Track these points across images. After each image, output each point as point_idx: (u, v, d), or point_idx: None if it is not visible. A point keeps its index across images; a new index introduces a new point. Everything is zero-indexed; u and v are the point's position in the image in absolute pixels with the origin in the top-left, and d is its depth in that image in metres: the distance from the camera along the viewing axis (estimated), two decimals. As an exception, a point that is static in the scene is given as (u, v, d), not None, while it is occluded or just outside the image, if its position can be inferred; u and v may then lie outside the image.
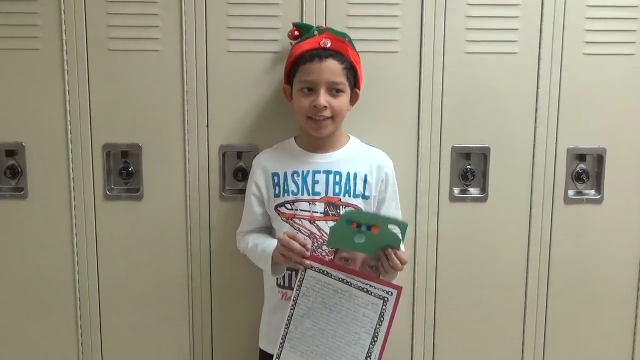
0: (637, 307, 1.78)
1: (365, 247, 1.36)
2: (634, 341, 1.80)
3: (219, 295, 1.76)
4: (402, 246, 1.39)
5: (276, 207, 1.52)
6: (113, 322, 1.77)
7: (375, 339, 1.37)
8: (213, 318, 1.76)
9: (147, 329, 1.77)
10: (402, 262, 1.38)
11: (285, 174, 1.52)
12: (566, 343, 1.79)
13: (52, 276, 1.75)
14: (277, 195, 1.52)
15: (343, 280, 1.39)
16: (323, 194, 1.50)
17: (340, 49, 1.48)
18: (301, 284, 1.41)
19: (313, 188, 1.50)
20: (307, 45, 1.49)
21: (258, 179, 1.55)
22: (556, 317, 1.78)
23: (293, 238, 1.39)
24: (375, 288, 1.38)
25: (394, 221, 1.38)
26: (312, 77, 1.45)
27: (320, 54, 1.45)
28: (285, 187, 1.51)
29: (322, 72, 1.44)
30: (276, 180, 1.53)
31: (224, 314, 1.76)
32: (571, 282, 1.77)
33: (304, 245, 1.39)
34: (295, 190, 1.50)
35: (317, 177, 1.51)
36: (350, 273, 1.39)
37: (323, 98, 1.44)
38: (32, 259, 1.74)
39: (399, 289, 1.38)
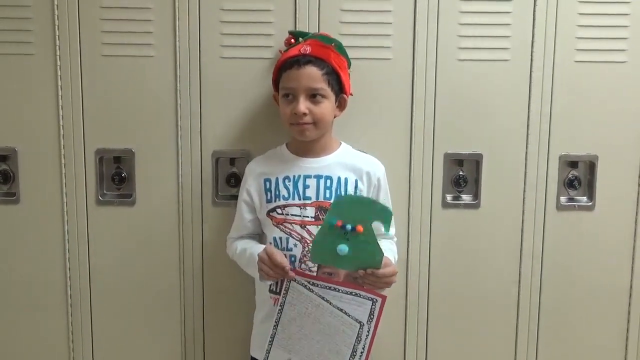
0: (629, 313, 1.79)
1: (347, 262, 1.36)
2: (626, 346, 1.80)
3: (211, 301, 1.75)
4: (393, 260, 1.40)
5: (268, 212, 1.52)
6: (105, 328, 1.76)
7: (354, 354, 1.38)
8: (205, 324, 1.76)
9: (139, 335, 1.77)
10: (387, 275, 1.37)
11: (277, 179, 1.52)
12: (558, 349, 1.79)
13: (44, 281, 1.74)
14: (269, 201, 1.52)
15: (323, 297, 1.38)
16: (314, 199, 1.49)
17: (321, 55, 1.47)
18: (287, 293, 1.41)
19: (304, 193, 1.50)
20: (291, 52, 1.50)
21: (250, 185, 1.55)
22: (548, 324, 1.78)
23: (271, 256, 1.39)
24: (360, 297, 1.37)
25: (380, 207, 1.36)
26: (291, 84, 1.45)
27: (300, 60, 1.45)
28: (277, 192, 1.51)
29: (301, 79, 1.44)
30: (268, 186, 1.52)
31: (216, 320, 1.76)
32: (563, 288, 1.77)
33: (281, 264, 1.38)
34: (286, 195, 1.50)
35: (308, 181, 1.50)
36: (335, 284, 1.39)
37: (303, 105, 1.43)
38: (24, 264, 1.73)
39: (383, 297, 1.37)
